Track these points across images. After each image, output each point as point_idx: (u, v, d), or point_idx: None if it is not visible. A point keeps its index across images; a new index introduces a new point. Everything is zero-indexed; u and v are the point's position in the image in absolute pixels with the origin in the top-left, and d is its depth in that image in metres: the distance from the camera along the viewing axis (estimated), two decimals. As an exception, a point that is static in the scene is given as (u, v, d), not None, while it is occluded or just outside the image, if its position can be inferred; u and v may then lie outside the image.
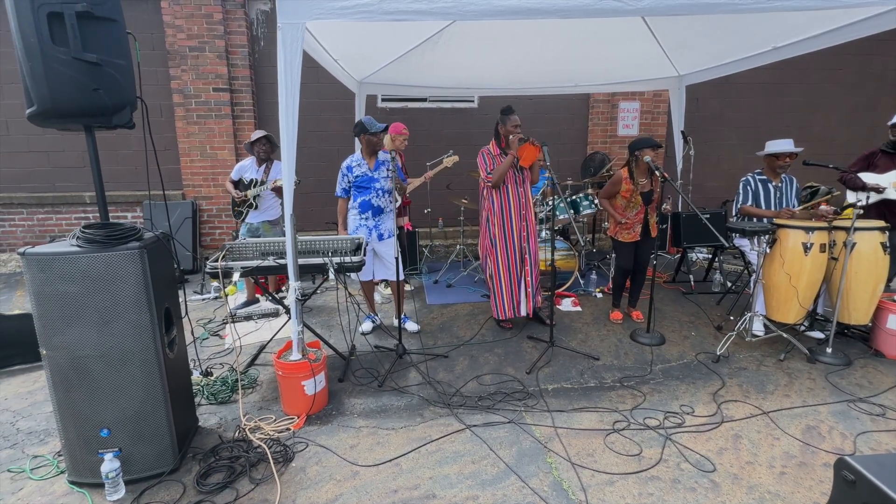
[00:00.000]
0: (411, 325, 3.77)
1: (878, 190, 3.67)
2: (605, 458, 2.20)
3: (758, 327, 3.42)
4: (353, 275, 5.12)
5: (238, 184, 4.10)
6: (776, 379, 2.92)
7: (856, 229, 3.01)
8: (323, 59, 3.96)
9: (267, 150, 3.99)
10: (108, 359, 1.94)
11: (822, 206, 3.42)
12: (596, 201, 4.83)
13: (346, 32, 3.55)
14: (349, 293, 4.19)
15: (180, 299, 2.31)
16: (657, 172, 3.33)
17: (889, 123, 3.79)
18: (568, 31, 4.08)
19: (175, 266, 2.29)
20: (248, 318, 4.09)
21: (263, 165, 4.05)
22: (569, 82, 5.48)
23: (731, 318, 3.87)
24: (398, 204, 3.75)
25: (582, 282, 4.82)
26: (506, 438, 2.37)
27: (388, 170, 3.44)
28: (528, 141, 3.43)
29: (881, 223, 3.14)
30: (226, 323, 4.01)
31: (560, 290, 4.58)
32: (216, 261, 2.67)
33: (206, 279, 5.05)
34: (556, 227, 4.88)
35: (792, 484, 2.02)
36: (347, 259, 2.74)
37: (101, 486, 2.00)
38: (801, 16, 3.30)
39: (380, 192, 3.44)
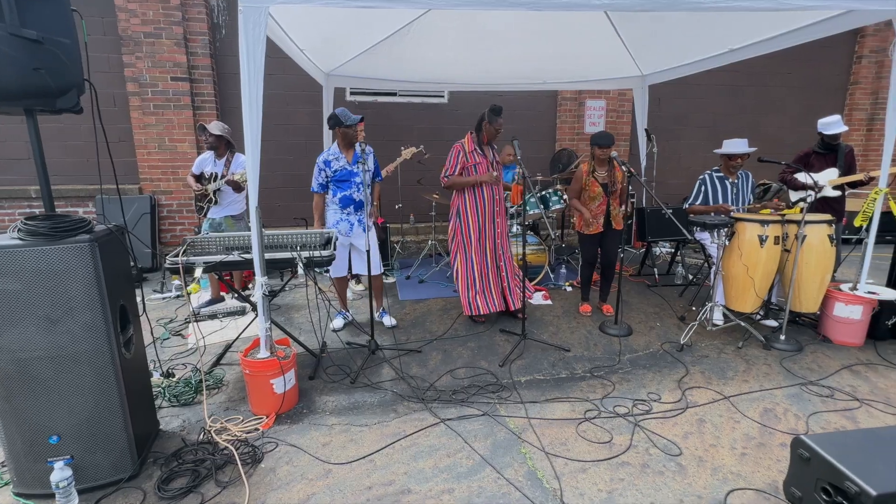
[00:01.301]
0: (388, 320, 3.73)
1: (814, 188, 3.90)
2: (577, 447, 2.24)
3: (717, 317, 3.57)
4: (322, 271, 5.04)
5: (200, 178, 3.94)
6: (735, 365, 3.06)
7: (806, 222, 3.18)
8: (289, 49, 3.84)
9: (212, 143, 3.79)
10: (56, 361, 1.82)
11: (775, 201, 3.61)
12: (565, 197, 4.91)
13: (312, 21, 3.45)
14: (319, 289, 4.10)
15: (137, 297, 2.18)
16: (623, 168, 3.42)
17: (822, 132, 4.01)
18: (537, 29, 4.13)
19: (131, 261, 2.17)
20: (213, 316, 3.94)
21: (223, 158, 3.89)
22: (538, 79, 5.55)
23: (694, 308, 4.03)
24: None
25: (552, 276, 4.89)
26: (480, 431, 2.37)
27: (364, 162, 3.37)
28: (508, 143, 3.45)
29: (828, 216, 3.33)
30: (188, 322, 3.84)
31: (531, 283, 4.63)
32: (176, 255, 2.55)
33: (168, 277, 4.83)
34: (527, 223, 4.93)
35: (752, 464, 2.11)
36: (317, 253, 2.67)
37: (51, 496, 1.86)
38: (756, 19, 3.45)
39: (360, 185, 3.35)
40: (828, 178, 3.94)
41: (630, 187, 3.73)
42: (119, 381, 1.94)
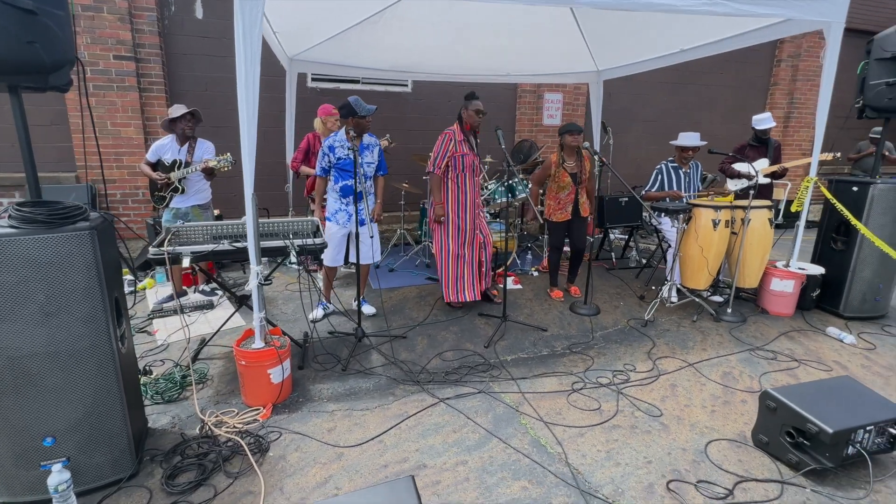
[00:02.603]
0: (368, 308, 3.73)
1: (749, 177, 4.39)
2: (571, 415, 2.42)
3: (674, 294, 3.92)
4: (293, 264, 4.92)
5: (156, 166, 3.67)
6: (693, 337, 3.40)
7: (751, 207, 3.58)
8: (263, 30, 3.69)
9: (192, 127, 3.61)
10: (52, 357, 1.70)
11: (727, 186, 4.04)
12: (530, 186, 5.12)
13: (293, 2, 3.34)
14: (308, 272, 4.02)
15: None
16: (596, 157, 3.65)
17: (755, 126, 4.56)
18: (507, 23, 4.24)
19: (120, 251, 2.04)
20: (180, 311, 3.73)
21: (186, 144, 3.67)
22: (501, 71, 5.69)
23: (653, 288, 4.39)
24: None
25: (519, 262, 5.10)
26: (479, 407, 2.49)
27: (370, 154, 3.34)
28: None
29: (768, 202, 3.77)
30: (151, 318, 3.62)
31: (500, 269, 4.80)
32: (160, 245, 2.42)
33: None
34: (495, 211, 5.09)
35: (722, 418, 2.40)
36: (310, 241, 2.64)
37: (44, 503, 1.75)
38: (706, 23, 3.79)
39: (363, 177, 3.29)
40: (759, 168, 4.43)
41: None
42: (119, 376, 1.84)
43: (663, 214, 3.76)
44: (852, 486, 1.92)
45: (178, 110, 3.52)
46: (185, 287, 4.12)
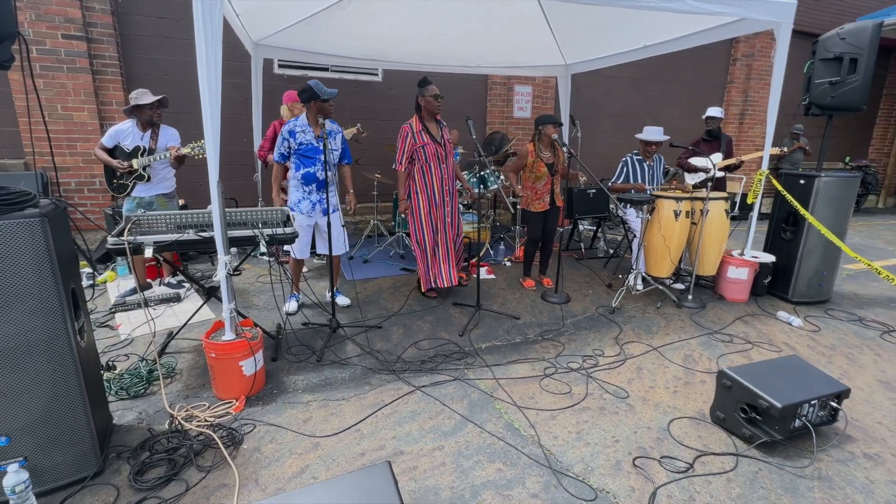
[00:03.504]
0: (342, 299, 3.70)
1: (706, 170, 4.61)
2: (543, 399, 2.50)
3: (639, 283, 4.08)
4: (263, 255, 4.80)
5: (113, 151, 3.49)
6: (657, 322, 3.56)
7: (710, 199, 3.76)
8: (225, 11, 3.55)
9: (160, 115, 3.46)
10: (2, 353, 1.61)
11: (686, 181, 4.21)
12: (502, 177, 5.18)
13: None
14: (280, 263, 3.93)
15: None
16: (563, 148, 3.73)
17: (703, 116, 4.81)
18: (474, 12, 4.25)
19: (75, 240, 1.95)
20: (145, 304, 3.59)
21: (149, 131, 3.51)
22: (471, 62, 5.71)
23: (620, 276, 4.55)
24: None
25: (492, 252, 5.17)
26: (455, 394, 2.53)
27: (333, 141, 3.27)
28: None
29: (725, 194, 3.96)
30: (114, 312, 3.47)
31: (473, 260, 4.86)
32: (119, 234, 2.32)
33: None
34: (469, 202, 5.13)
35: (683, 398, 2.54)
36: (280, 230, 2.59)
37: (1, 504, 1.67)
38: (669, 21, 3.92)
39: (327, 164, 3.24)
40: (714, 162, 4.66)
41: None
42: (79, 371, 1.77)
43: (629, 205, 3.89)
44: (798, 456, 2.08)
45: (145, 96, 3.35)
46: (149, 280, 3.96)
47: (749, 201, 3.78)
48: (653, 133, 4.16)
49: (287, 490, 1.84)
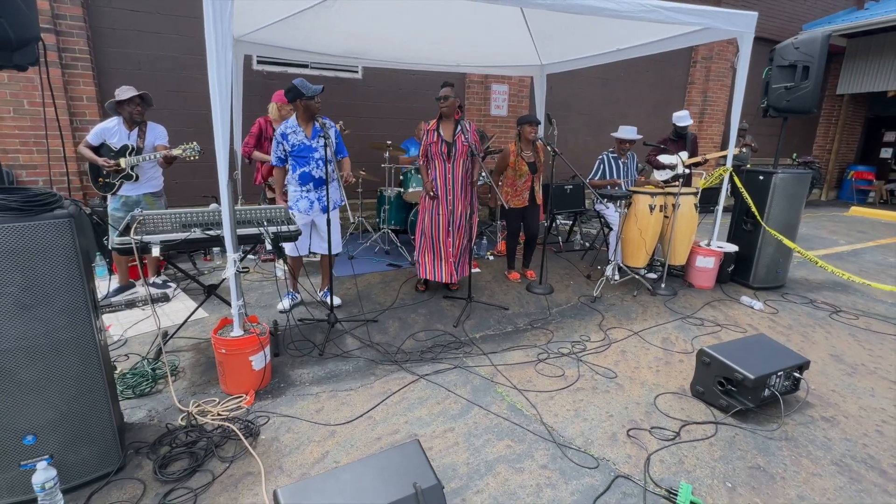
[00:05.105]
0: (334, 299, 3.75)
1: (672, 167, 4.94)
2: (540, 382, 2.68)
3: (616, 273, 4.35)
4: (254, 255, 4.77)
5: (99, 150, 3.42)
6: (635, 309, 3.82)
7: (681, 194, 4.05)
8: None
9: (141, 112, 3.40)
10: (31, 351, 1.62)
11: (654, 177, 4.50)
12: (484, 174, 5.34)
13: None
14: (265, 261, 3.93)
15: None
16: (549, 147, 3.92)
17: (674, 123, 5.11)
18: (454, 13, 4.37)
19: (96, 241, 1.96)
20: (131, 305, 3.53)
21: (136, 129, 3.45)
22: (451, 61, 5.82)
23: (598, 268, 4.81)
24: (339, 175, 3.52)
25: (475, 247, 5.32)
26: (457, 380, 2.68)
27: (323, 137, 3.29)
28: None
29: (694, 189, 4.28)
30: (101, 313, 3.39)
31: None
32: (124, 234, 2.32)
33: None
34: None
35: (665, 376, 2.78)
36: (284, 228, 2.65)
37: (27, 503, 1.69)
38: (640, 27, 4.18)
39: (320, 161, 3.25)
40: (681, 159, 4.99)
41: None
42: (102, 368, 1.80)
43: (608, 200, 4.14)
44: (768, 421, 2.35)
45: (125, 92, 3.29)
46: (131, 280, 3.89)
47: (701, 186, 4.12)
48: (627, 132, 4.42)
49: (312, 474, 1.93)
